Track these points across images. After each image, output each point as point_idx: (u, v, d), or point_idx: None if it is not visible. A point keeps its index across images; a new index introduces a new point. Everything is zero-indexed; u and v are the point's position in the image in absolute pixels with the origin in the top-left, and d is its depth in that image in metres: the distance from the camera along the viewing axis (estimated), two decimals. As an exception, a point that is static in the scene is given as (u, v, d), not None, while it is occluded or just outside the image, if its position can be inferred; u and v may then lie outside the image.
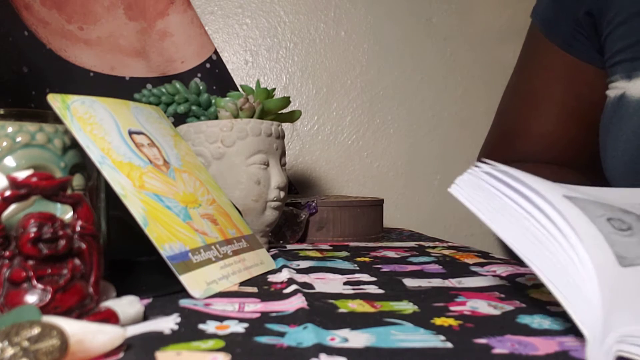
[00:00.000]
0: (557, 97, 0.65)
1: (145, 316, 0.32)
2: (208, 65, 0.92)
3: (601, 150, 0.56)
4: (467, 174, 0.31)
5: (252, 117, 0.59)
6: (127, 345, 0.27)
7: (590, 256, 0.24)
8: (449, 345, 0.28)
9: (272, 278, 0.45)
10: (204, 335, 0.29)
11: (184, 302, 0.36)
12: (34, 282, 0.27)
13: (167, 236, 0.38)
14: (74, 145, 0.38)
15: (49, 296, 0.27)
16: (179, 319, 0.32)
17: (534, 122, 0.67)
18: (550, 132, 0.65)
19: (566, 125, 0.65)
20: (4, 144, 0.34)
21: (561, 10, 0.62)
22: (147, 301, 0.36)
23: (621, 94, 0.54)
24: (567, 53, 0.62)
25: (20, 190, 0.27)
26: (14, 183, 0.27)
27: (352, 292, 0.40)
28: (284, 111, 0.64)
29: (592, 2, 0.57)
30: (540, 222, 0.26)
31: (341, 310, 0.34)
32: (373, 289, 0.41)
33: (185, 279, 0.37)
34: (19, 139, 0.35)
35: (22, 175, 0.28)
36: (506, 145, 0.69)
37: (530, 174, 0.30)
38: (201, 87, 0.61)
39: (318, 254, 0.58)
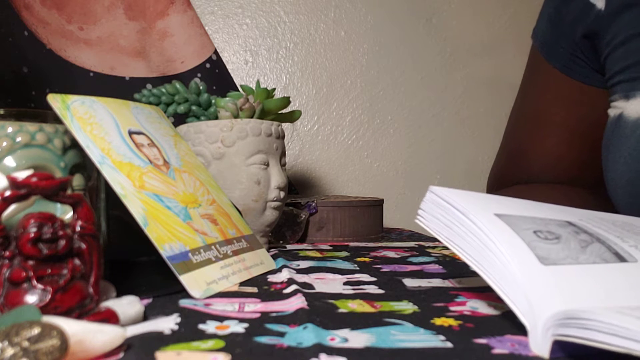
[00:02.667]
0: (559, 118, 0.65)
1: (145, 316, 0.32)
2: (208, 65, 0.92)
3: (603, 170, 0.56)
4: (425, 200, 0.36)
5: (252, 117, 0.59)
6: (127, 345, 0.27)
7: (512, 259, 0.30)
8: (449, 345, 0.28)
9: (272, 278, 0.45)
10: (204, 335, 0.29)
11: (184, 302, 0.36)
12: (34, 282, 0.27)
13: (167, 236, 0.38)
14: (74, 145, 0.38)
15: (49, 296, 0.27)
16: (179, 319, 0.32)
17: (538, 144, 0.67)
18: (554, 154, 0.66)
19: (571, 146, 0.65)
20: (4, 144, 0.34)
21: (559, 34, 0.62)
22: (147, 301, 0.36)
23: (619, 114, 0.54)
24: (566, 76, 0.63)
25: (20, 190, 0.27)
26: (14, 183, 0.27)
27: (352, 292, 0.40)
28: (284, 111, 0.64)
29: (589, 24, 0.58)
30: (476, 235, 0.32)
31: (341, 310, 0.34)
32: (373, 289, 0.41)
33: (185, 279, 0.37)
34: (19, 139, 0.35)
35: (22, 175, 0.28)
36: (513, 166, 0.70)
37: (467, 195, 0.35)
38: (201, 87, 0.61)
39: (318, 254, 0.58)
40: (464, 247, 0.33)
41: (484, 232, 0.31)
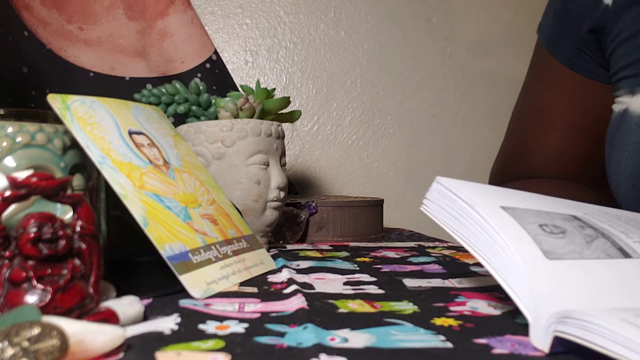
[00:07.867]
0: (564, 113, 0.65)
1: (145, 316, 0.32)
2: (208, 65, 0.92)
3: (606, 165, 0.57)
4: (431, 190, 0.36)
5: (252, 117, 0.59)
6: (127, 345, 0.27)
7: (517, 252, 0.30)
8: (449, 345, 0.28)
9: (272, 278, 0.45)
10: (204, 336, 0.29)
11: (184, 302, 0.36)
12: (34, 282, 0.27)
13: (167, 236, 0.38)
14: (74, 145, 0.38)
15: (49, 296, 0.27)
16: (179, 319, 0.32)
17: (542, 139, 0.67)
18: (557, 149, 0.66)
19: (574, 141, 0.65)
20: (4, 144, 0.34)
21: (565, 29, 0.62)
22: (147, 301, 0.36)
23: (624, 109, 0.54)
24: (572, 70, 0.63)
25: (20, 190, 0.27)
26: (14, 183, 0.27)
27: (352, 292, 0.40)
28: (284, 111, 0.64)
29: (596, 20, 0.58)
30: (482, 228, 0.32)
31: (341, 310, 0.34)
32: (373, 289, 0.41)
33: (185, 279, 0.37)
34: (19, 139, 0.35)
35: (22, 175, 0.28)
36: (516, 161, 0.70)
37: (474, 187, 0.35)
38: (201, 87, 0.61)
39: (318, 254, 0.58)
40: (469, 238, 0.32)
41: (490, 224, 0.31)
